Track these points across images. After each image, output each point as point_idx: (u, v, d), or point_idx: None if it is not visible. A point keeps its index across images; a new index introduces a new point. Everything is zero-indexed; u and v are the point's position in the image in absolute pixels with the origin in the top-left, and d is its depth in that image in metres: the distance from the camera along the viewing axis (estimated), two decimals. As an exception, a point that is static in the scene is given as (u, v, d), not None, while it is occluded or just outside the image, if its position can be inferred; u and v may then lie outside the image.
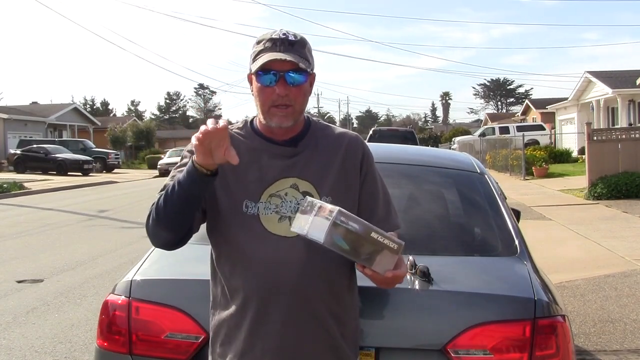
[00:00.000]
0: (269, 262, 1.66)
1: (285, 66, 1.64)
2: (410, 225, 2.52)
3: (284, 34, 1.68)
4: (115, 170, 34.64)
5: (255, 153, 1.74)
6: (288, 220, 1.68)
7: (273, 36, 1.68)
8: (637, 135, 14.49)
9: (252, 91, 1.74)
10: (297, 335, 1.68)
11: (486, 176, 2.96)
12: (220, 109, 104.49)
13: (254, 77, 1.70)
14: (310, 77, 1.71)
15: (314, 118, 1.85)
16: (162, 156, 36.40)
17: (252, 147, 1.74)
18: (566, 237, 9.21)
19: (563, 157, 26.02)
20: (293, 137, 1.75)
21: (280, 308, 1.67)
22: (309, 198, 1.53)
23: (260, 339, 1.68)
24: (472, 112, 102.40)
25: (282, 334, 1.67)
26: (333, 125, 1.88)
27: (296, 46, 1.68)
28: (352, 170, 1.78)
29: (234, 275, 1.71)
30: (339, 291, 1.74)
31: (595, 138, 14.34)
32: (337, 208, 1.46)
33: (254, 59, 1.69)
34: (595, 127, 22.55)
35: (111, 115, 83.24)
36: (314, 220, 1.46)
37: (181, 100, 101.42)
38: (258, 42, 1.71)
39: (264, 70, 1.65)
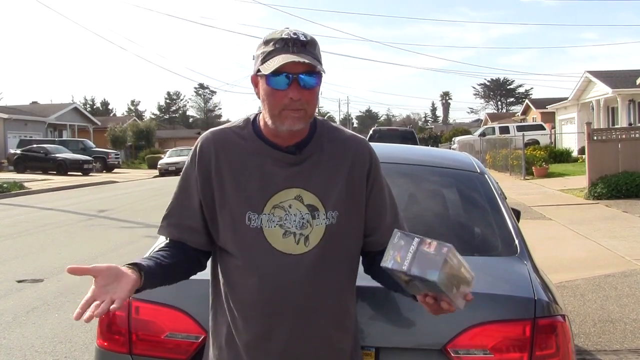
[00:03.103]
0: (274, 280, 1.60)
1: (299, 68, 1.54)
2: (410, 225, 2.51)
3: (294, 34, 1.57)
4: (115, 170, 34.63)
5: (256, 158, 1.64)
6: (293, 236, 1.62)
7: (283, 36, 1.56)
8: (637, 135, 14.49)
9: (257, 93, 1.64)
10: (301, 353, 1.65)
11: (486, 176, 2.95)
12: (220, 108, 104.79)
13: (261, 79, 1.59)
14: (320, 78, 1.61)
15: (320, 118, 1.76)
16: (162, 156, 36.41)
17: (253, 152, 1.65)
18: (566, 237, 9.21)
19: (563, 157, 26.02)
20: (298, 143, 1.65)
21: (285, 326, 1.62)
22: (398, 232, 1.45)
23: (262, 355, 1.65)
24: (472, 112, 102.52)
25: (285, 351, 1.64)
26: (340, 128, 1.79)
27: (308, 47, 1.57)
28: (359, 180, 1.70)
29: (236, 288, 1.66)
30: (345, 305, 1.71)
31: (595, 138, 14.34)
32: (448, 246, 1.40)
33: (264, 60, 1.57)
34: (595, 127, 22.53)
35: (111, 115, 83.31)
36: (417, 256, 1.40)
37: (181, 100, 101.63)
38: (266, 42, 1.59)
39: (275, 72, 1.53)
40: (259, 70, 1.59)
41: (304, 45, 1.57)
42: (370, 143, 1.84)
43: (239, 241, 1.63)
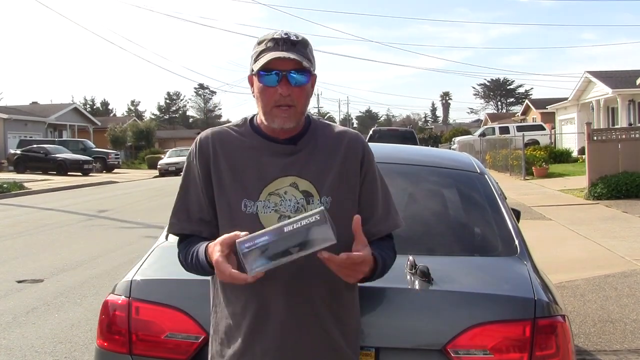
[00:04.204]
0: None
1: (288, 65, 1.63)
2: (410, 226, 2.52)
3: (285, 34, 1.68)
4: (115, 170, 34.63)
5: (253, 152, 1.73)
6: (287, 219, 1.67)
7: (275, 36, 1.67)
8: (637, 135, 14.48)
9: (252, 92, 1.73)
10: (297, 336, 1.68)
11: (486, 176, 2.96)
12: (220, 109, 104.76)
13: (255, 78, 1.70)
14: (312, 77, 1.71)
15: (314, 117, 1.84)
16: (162, 156, 36.41)
17: (250, 146, 1.74)
18: (566, 237, 9.21)
19: (563, 157, 26.02)
20: (293, 136, 1.74)
21: (279, 308, 1.67)
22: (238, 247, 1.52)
23: (260, 339, 1.69)
24: (472, 112, 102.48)
25: (282, 334, 1.68)
26: (333, 124, 1.87)
27: (298, 46, 1.67)
28: (352, 170, 1.76)
29: None
30: (338, 290, 1.74)
31: (595, 138, 14.34)
32: (236, 240, 1.47)
33: (256, 59, 1.68)
34: (595, 127, 22.54)
35: (111, 115, 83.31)
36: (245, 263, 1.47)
37: (181, 100, 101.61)
38: (259, 43, 1.70)
39: (266, 70, 1.64)
40: (252, 70, 1.69)
41: (294, 45, 1.67)
42: (371, 143, 1.87)
43: (235, 227, 1.65)
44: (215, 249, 1.54)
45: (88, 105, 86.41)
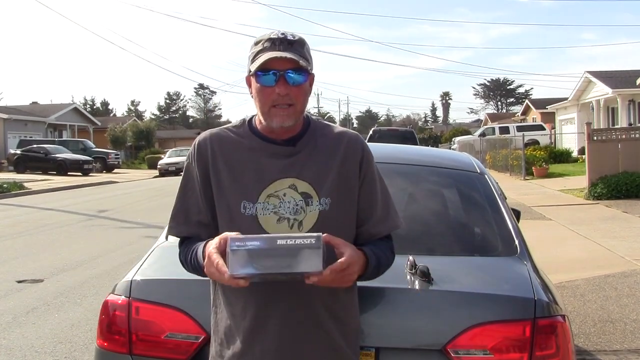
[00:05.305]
0: None
1: (285, 65, 1.63)
2: (410, 226, 2.52)
3: (282, 34, 1.68)
4: (115, 170, 34.63)
5: (252, 153, 1.73)
6: (287, 221, 1.68)
7: (272, 36, 1.68)
8: (637, 135, 14.48)
9: (250, 93, 1.73)
10: (296, 336, 1.68)
11: (486, 176, 2.96)
12: (220, 109, 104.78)
13: (253, 79, 1.69)
14: (310, 77, 1.71)
15: (314, 117, 1.84)
16: (162, 156, 36.41)
17: (249, 147, 1.74)
18: (566, 237, 9.21)
19: (563, 157, 26.03)
20: (292, 137, 1.73)
21: (279, 309, 1.67)
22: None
23: (259, 340, 1.69)
24: (472, 112, 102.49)
25: (281, 335, 1.68)
26: (332, 124, 1.86)
27: (295, 45, 1.67)
28: (351, 171, 1.76)
29: None
30: (337, 290, 1.73)
31: (595, 138, 14.34)
32: (229, 236, 1.48)
33: (253, 60, 1.68)
34: (595, 127, 22.54)
35: (111, 115, 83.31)
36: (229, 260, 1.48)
37: (181, 100, 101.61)
38: (256, 43, 1.70)
39: (263, 70, 1.64)
40: (250, 70, 1.69)
41: (291, 44, 1.66)
42: (371, 143, 1.87)
43: (234, 228, 1.66)
44: (213, 241, 1.56)
45: (88, 105, 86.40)
